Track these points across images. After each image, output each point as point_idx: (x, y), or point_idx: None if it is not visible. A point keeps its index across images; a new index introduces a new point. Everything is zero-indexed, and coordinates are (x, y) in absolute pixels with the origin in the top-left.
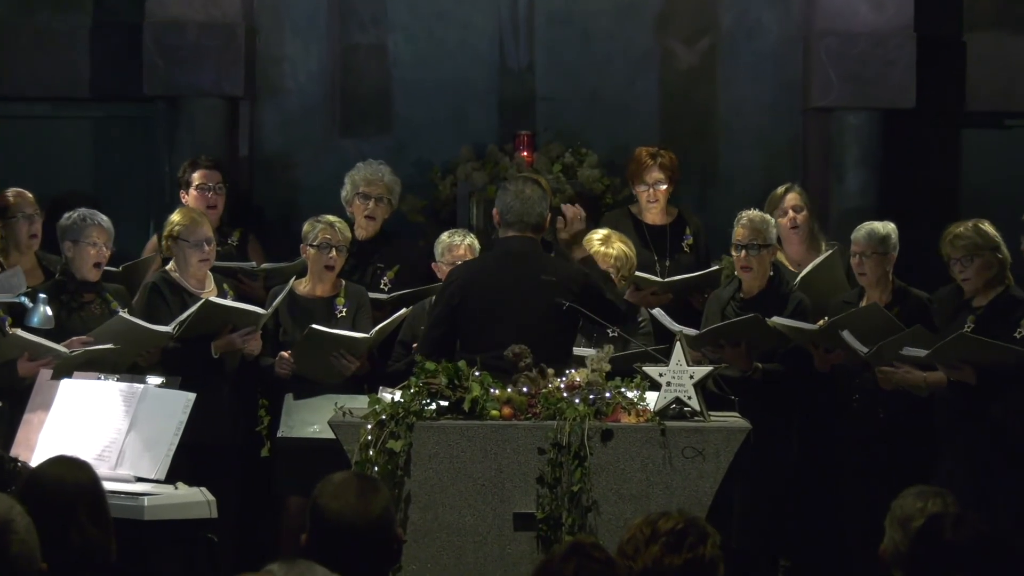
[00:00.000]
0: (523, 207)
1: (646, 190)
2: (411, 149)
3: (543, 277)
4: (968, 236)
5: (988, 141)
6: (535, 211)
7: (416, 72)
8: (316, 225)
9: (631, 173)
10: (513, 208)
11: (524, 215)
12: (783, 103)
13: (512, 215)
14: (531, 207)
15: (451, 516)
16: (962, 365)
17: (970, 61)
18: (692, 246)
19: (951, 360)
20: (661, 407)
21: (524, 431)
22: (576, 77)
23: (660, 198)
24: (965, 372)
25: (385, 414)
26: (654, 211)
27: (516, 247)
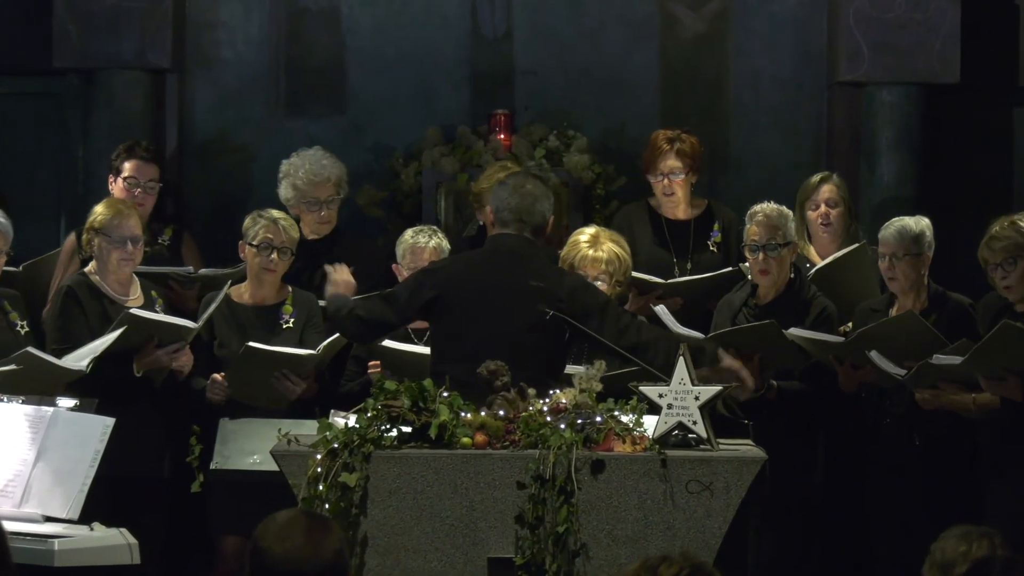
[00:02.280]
0: (522, 203)
1: (660, 180)
2: (368, 131)
3: (531, 283)
4: (1007, 236)
5: None
6: (536, 209)
7: (374, 41)
8: (258, 221)
9: (646, 160)
10: (510, 204)
11: (523, 212)
12: (805, 77)
13: (509, 212)
14: (531, 204)
15: (415, 561)
16: (1007, 376)
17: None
18: (720, 244)
19: (993, 367)
20: (661, 434)
21: (501, 462)
22: (562, 47)
23: (677, 190)
24: (1010, 385)
25: (337, 442)
26: (672, 204)
27: (508, 245)
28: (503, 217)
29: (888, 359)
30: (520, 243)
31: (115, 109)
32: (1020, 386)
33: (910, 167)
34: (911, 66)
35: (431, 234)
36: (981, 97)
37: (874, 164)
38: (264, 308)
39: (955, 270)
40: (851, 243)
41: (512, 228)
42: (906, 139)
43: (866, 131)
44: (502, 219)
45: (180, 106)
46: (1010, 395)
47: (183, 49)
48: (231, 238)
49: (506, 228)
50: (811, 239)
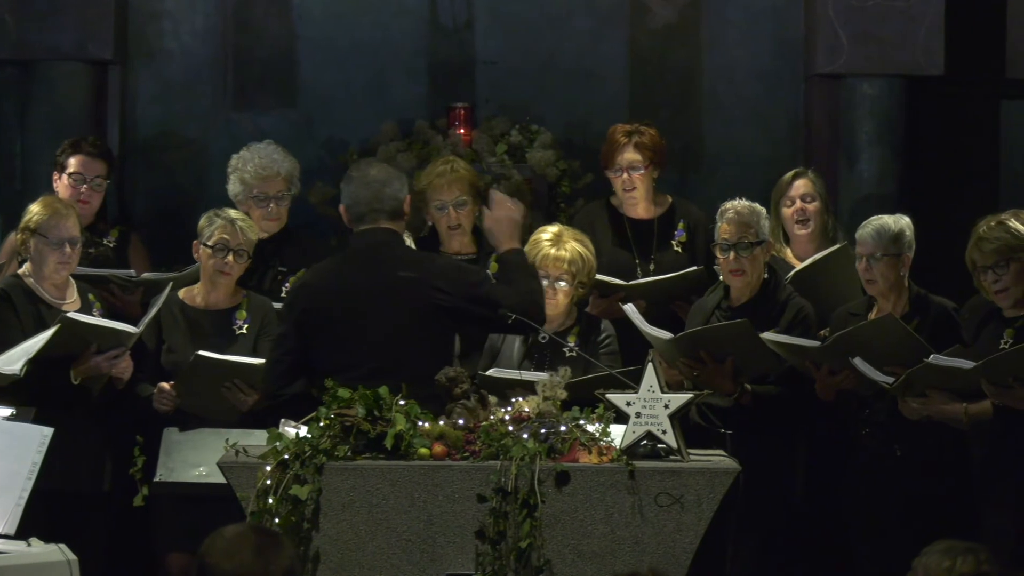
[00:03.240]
0: (369, 193)
1: (619, 175)
2: (321, 125)
3: (400, 274)
4: (997, 237)
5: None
6: (386, 194)
7: (327, 30)
8: (214, 221)
9: (604, 155)
10: (360, 197)
11: (373, 202)
12: (781, 69)
13: (361, 206)
14: (379, 190)
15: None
16: (1018, 386)
17: (1011, 18)
18: (686, 244)
19: (1006, 378)
20: (629, 444)
21: (460, 474)
22: (526, 36)
23: (637, 184)
24: (1019, 396)
25: (288, 453)
26: (634, 201)
27: (369, 241)
28: (356, 212)
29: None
30: (380, 235)
31: (54, 103)
32: None
33: (891, 163)
34: (893, 57)
35: None
36: (966, 90)
37: (854, 160)
38: (217, 312)
39: (938, 272)
40: (830, 243)
41: (368, 222)
42: (887, 134)
43: (845, 125)
44: (356, 214)
45: (122, 99)
46: (1019, 405)
47: (126, 39)
48: (175, 237)
49: (362, 223)
50: (788, 240)
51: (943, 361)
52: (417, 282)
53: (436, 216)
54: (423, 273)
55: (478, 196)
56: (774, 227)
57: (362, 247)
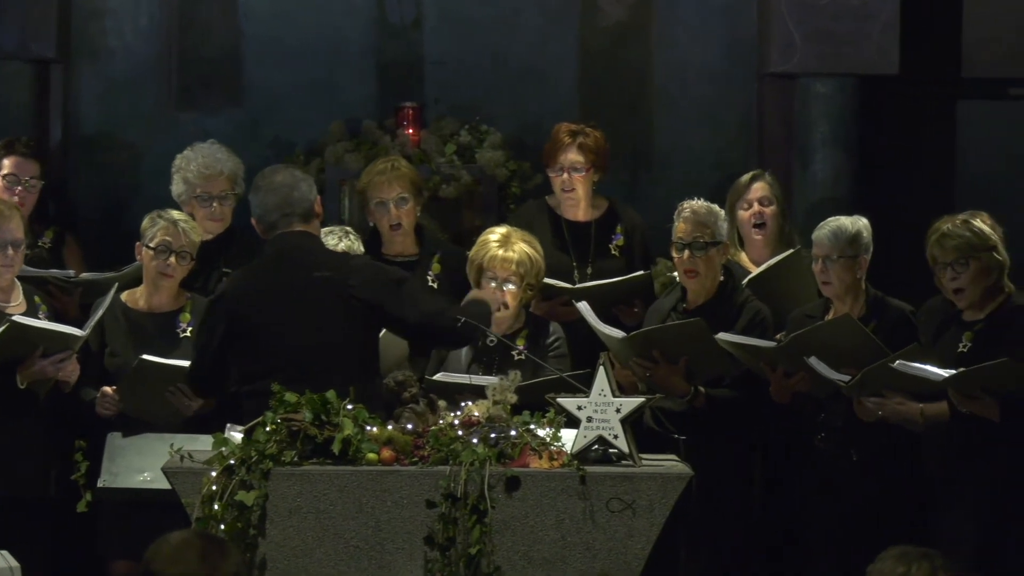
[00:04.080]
0: (277, 199)
1: (560, 175)
2: (267, 125)
3: (316, 274)
4: (960, 235)
5: (989, 115)
6: (295, 197)
7: (273, 29)
8: (156, 222)
9: (546, 153)
10: (268, 204)
11: (283, 208)
12: (734, 68)
13: (272, 213)
14: (288, 194)
15: None
16: (983, 396)
17: (967, 17)
18: (623, 248)
19: (975, 389)
20: (580, 448)
21: (408, 479)
22: (475, 35)
23: (577, 186)
24: (986, 405)
25: (234, 458)
26: (572, 203)
27: (282, 245)
28: (268, 220)
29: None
30: (294, 238)
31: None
32: (997, 407)
33: (845, 164)
34: (847, 56)
35: (341, 235)
36: (922, 89)
37: (807, 161)
38: (160, 315)
39: (895, 274)
40: (785, 246)
41: (281, 227)
42: (842, 134)
43: (799, 126)
44: (268, 222)
45: (65, 99)
46: (987, 414)
47: (68, 38)
48: (118, 239)
49: (275, 229)
50: (743, 244)
51: (910, 369)
52: (332, 281)
53: (377, 215)
54: (338, 272)
55: (420, 195)
56: (729, 229)
57: (276, 252)
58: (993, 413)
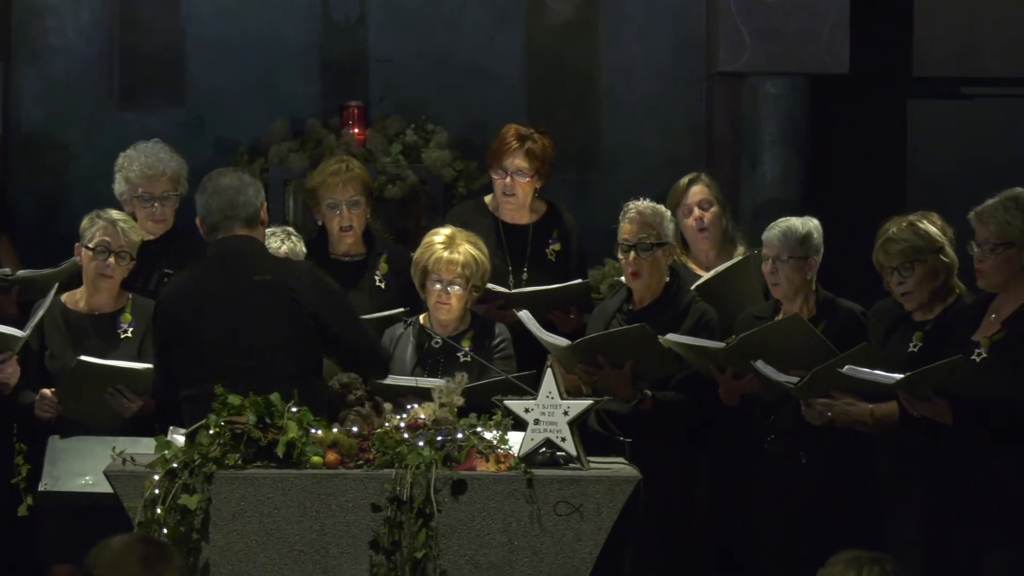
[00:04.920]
0: (222, 201)
1: (503, 178)
2: (210, 124)
3: (256, 278)
4: (904, 238)
5: (940, 114)
6: (240, 201)
7: (216, 27)
8: (95, 222)
9: (492, 153)
10: (212, 206)
11: (228, 210)
12: (682, 67)
13: (215, 215)
14: (233, 198)
15: None
16: (936, 398)
17: (917, 15)
18: (559, 253)
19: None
20: (528, 451)
21: (354, 482)
22: (420, 33)
23: (518, 192)
24: (939, 408)
25: (177, 462)
26: (511, 207)
27: (227, 247)
28: (211, 222)
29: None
30: (236, 242)
31: None
32: (949, 409)
33: (795, 164)
34: (797, 55)
35: (284, 237)
36: (872, 88)
37: (757, 161)
38: (100, 316)
39: (845, 275)
40: (730, 246)
41: (223, 230)
42: (791, 134)
43: (748, 125)
44: (211, 224)
45: (5, 97)
46: (938, 417)
47: (8, 37)
48: (58, 240)
49: (217, 232)
50: (688, 247)
51: (860, 374)
52: (273, 285)
53: (327, 216)
54: (279, 276)
55: (371, 197)
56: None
57: (217, 255)
58: (945, 416)
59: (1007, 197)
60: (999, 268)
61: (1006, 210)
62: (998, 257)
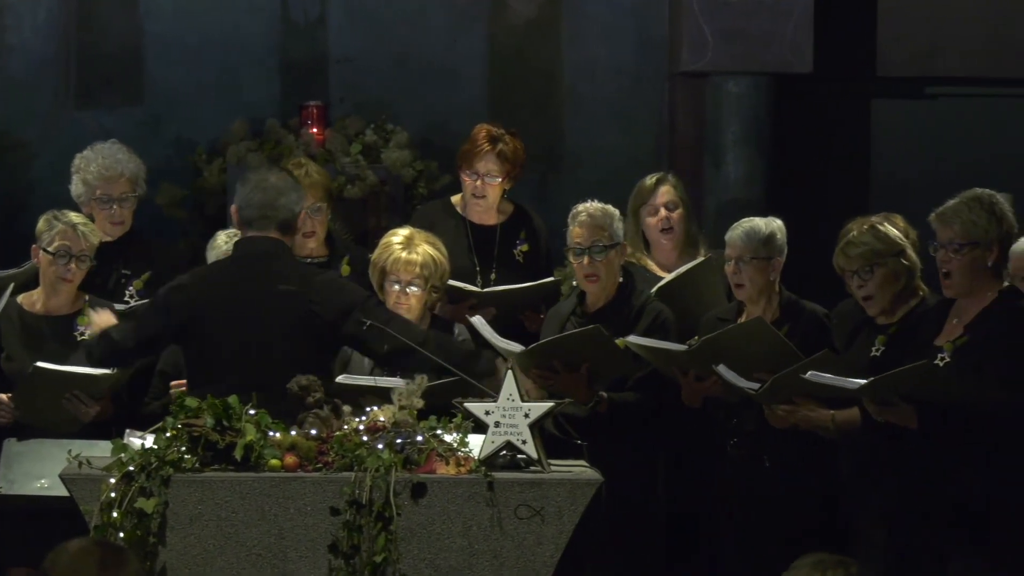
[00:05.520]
0: (265, 199)
1: (474, 180)
2: (168, 124)
3: (280, 287)
4: (864, 242)
5: (904, 114)
6: (280, 203)
7: (175, 26)
8: (54, 224)
9: (463, 154)
10: (253, 201)
11: (267, 208)
12: (645, 67)
13: (252, 210)
14: (275, 199)
15: None
16: (901, 403)
17: (881, 14)
18: (527, 254)
19: (891, 396)
20: (488, 454)
21: (312, 486)
22: (381, 33)
23: (489, 193)
24: (903, 412)
25: (133, 465)
26: (480, 208)
27: (256, 249)
28: (246, 215)
29: (736, 371)
30: (267, 245)
31: None
32: (914, 413)
33: (758, 164)
34: (760, 55)
35: None
36: (836, 88)
37: (720, 161)
38: (58, 318)
39: (809, 276)
40: (692, 248)
41: (256, 227)
42: (754, 134)
43: (711, 125)
44: (246, 217)
45: None
46: (903, 422)
47: None
48: (14, 240)
49: (250, 228)
50: (649, 247)
51: (821, 379)
52: (296, 296)
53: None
54: (303, 287)
55: (331, 200)
56: (634, 234)
57: (246, 255)
58: (910, 421)
59: (969, 197)
60: (965, 270)
61: (970, 210)
62: (964, 258)
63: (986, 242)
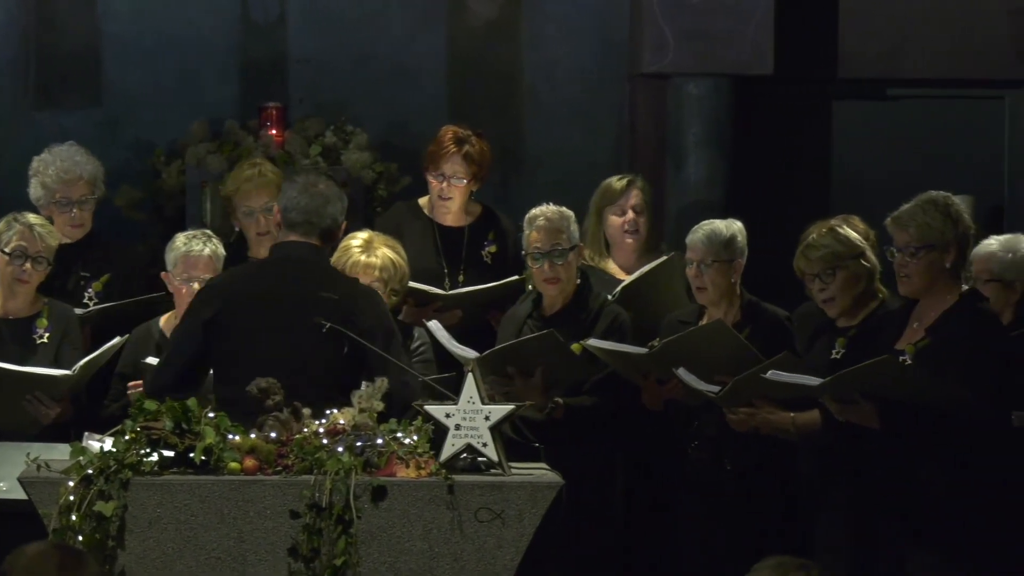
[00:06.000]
0: (312, 204)
1: (440, 182)
2: (127, 125)
3: (323, 294)
4: (824, 244)
5: (866, 116)
6: (327, 211)
7: (133, 26)
8: (12, 225)
9: (429, 156)
10: (299, 204)
11: (312, 215)
12: (605, 68)
13: (297, 213)
14: (322, 205)
15: None
16: (862, 402)
17: (843, 15)
18: (495, 255)
19: (852, 394)
20: (448, 457)
21: (272, 489)
22: (340, 33)
23: (455, 195)
24: (865, 411)
25: (92, 468)
26: (446, 210)
27: (295, 254)
28: (291, 218)
29: (697, 374)
30: (307, 251)
31: None
32: (876, 411)
33: (719, 166)
34: (721, 56)
35: (206, 240)
36: (798, 90)
37: (680, 163)
38: (16, 321)
39: (770, 279)
40: (653, 252)
41: (299, 232)
42: (715, 136)
43: (672, 127)
44: (290, 220)
45: None
46: (865, 421)
47: None
48: None
49: (293, 232)
50: (610, 249)
51: (782, 377)
52: (337, 304)
53: (244, 223)
54: (345, 297)
55: None
56: (595, 234)
57: (288, 259)
58: (872, 420)
59: (924, 200)
60: (923, 273)
61: (925, 212)
62: (920, 261)
63: (943, 244)
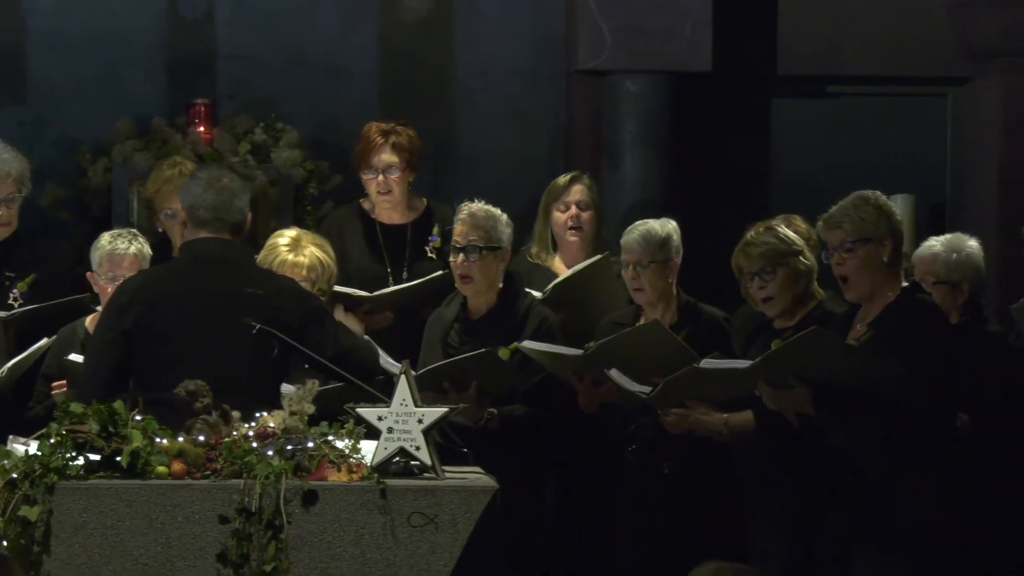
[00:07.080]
0: (219, 199)
1: (375, 177)
2: (51, 123)
3: (247, 291)
4: (765, 242)
5: (805, 114)
6: (235, 206)
7: (57, 22)
8: None
9: (357, 155)
10: (206, 201)
11: (220, 210)
12: (541, 65)
13: (205, 210)
14: (229, 200)
15: None
16: (796, 385)
17: (782, 12)
18: (439, 249)
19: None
20: (381, 461)
21: (201, 493)
22: (270, 29)
23: (394, 188)
24: (798, 397)
25: (16, 472)
26: (389, 205)
27: (211, 251)
28: (199, 216)
29: (634, 376)
30: (220, 247)
31: None
32: (809, 396)
33: (656, 164)
34: (658, 53)
35: (131, 239)
36: (736, 87)
37: (617, 161)
38: None
39: (708, 279)
40: (600, 250)
41: (209, 229)
42: (652, 134)
43: (608, 125)
44: (198, 218)
45: None
46: (799, 407)
47: None
48: None
49: (203, 229)
50: (557, 247)
51: (715, 364)
52: (262, 300)
53: (167, 224)
54: (270, 291)
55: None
56: (542, 232)
57: (201, 256)
58: (805, 405)
59: (856, 197)
60: (861, 268)
61: (857, 208)
62: (857, 256)
63: (878, 237)
